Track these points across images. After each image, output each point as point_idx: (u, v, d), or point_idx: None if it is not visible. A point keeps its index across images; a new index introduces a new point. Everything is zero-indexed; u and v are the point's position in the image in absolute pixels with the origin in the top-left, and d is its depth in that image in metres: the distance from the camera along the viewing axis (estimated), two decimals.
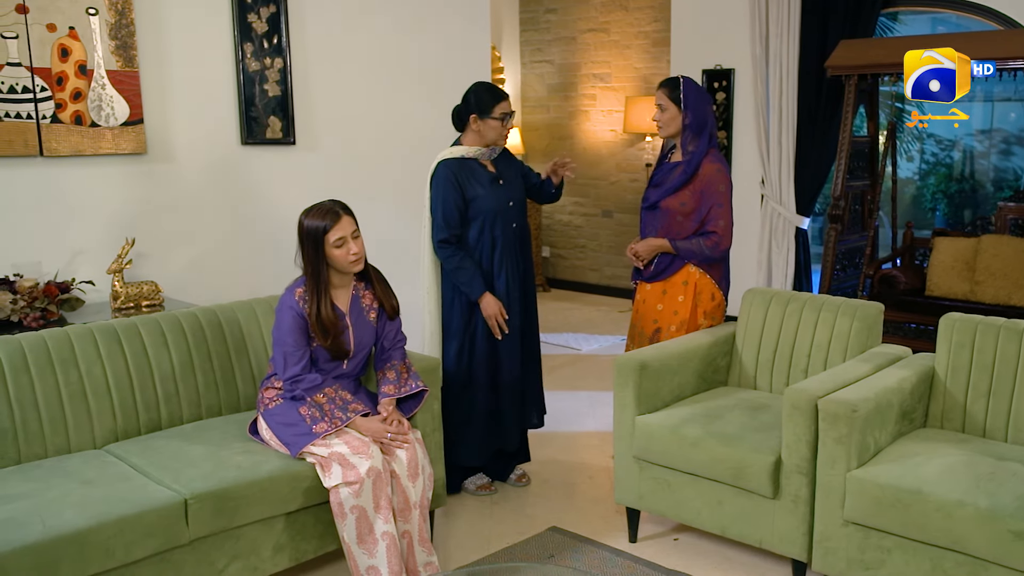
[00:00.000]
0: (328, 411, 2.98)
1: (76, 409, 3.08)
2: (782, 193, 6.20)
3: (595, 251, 8.34)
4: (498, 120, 3.65)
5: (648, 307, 3.82)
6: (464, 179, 3.65)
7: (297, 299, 3.04)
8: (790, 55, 6.00)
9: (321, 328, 3.01)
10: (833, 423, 2.81)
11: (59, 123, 3.83)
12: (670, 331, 3.76)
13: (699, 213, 3.68)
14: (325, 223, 2.99)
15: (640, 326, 3.85)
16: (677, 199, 3.69)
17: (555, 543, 3.43)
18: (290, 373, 3.02)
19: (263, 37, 4.44)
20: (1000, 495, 2.57)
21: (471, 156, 3.69)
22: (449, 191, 3.62)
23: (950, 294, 5.21)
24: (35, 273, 3.76)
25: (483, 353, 3.73)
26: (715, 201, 3.66)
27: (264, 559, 2.91)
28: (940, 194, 8.64)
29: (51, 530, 2.45)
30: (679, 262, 3.72)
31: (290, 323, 3.02)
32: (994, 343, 3.10)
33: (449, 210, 3.63)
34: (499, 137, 3.69)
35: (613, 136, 8.01)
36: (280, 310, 3.07)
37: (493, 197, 3.68)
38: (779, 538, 3.01)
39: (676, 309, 3.75)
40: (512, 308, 3.74)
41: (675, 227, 3.72)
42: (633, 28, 7.71)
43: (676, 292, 3.75)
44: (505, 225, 3.71)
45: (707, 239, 3.67)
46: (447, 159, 3.68)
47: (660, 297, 3.79)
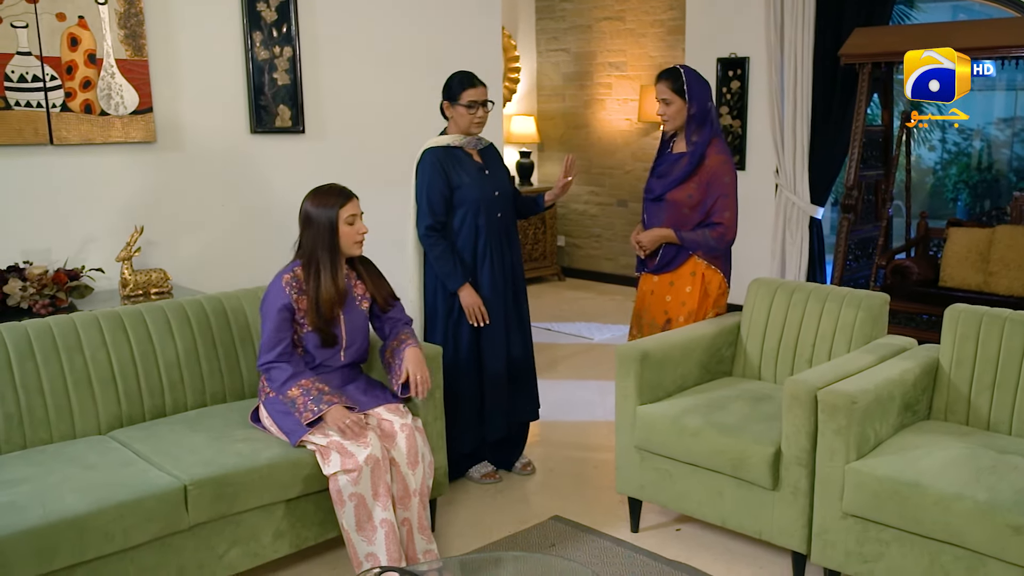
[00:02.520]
0: (303, 404, 2.96)
1: (81, 395, 3.11)
2: (796, 182, 6.15)
3: (610, 240, 8.32)
4: (464, 107, 3.64)
5: (657, 298, 3.80)
6: (449, 167, 3.65)
7: (284, 285, 3.05)
8: (805, 43, 5.94)
9: (316, 309, 3.03)
10: (832, 414, 2.79)
11: (69, 112, 3.87)
12: (679, 322, 3.74)
13: (704, 205, 3.65)
14: (340, 202, 3.05)
15: (650, 317, 3.83)
16: (684, 191, 3.66)
17: (557, 532, 3.44)
18: (263, 360, 3.04)
19: (272, 26, 4.45)
20: (1000, 489, 2.55)
21: (456, 144, 3.70)
22: (435, 178, 3.63)
23: (963, 285, 5.16)
24: (45, 260, 3.81)
25: (467, 342, 3.73)
26: (721, 192, 3.63)
27: (264, 545, 2.94)
28: (962, 184, 8.55)
29: (51, 514, 2.48)
30: (685, 253, 3.69)
31: (275, 313, 3.03)
32: (999, 335, 3.06)
33: (434, 197, 3.63)
34: (469, 125, 3.67)
35: (628, 125, 7.98)
36: (268, 295, 3.08)
37: (478, 186, 3.68)
38: (778, 530, 3.00)
39: (684, 300, 3.73)
40: (496, 298, 3.73)
41: (681, 218, 3.69)
42: (648, 16, 7.67)
43: (684, 283, 3.73)
44: (490, 214, 3.71)
45: (713, 230, 3.64)
46: (433, 147, 3.69)
47: (668, 288, 3.77)
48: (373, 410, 3.10)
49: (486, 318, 3.69)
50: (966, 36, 4.87)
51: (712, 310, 3.75)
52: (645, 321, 3.86)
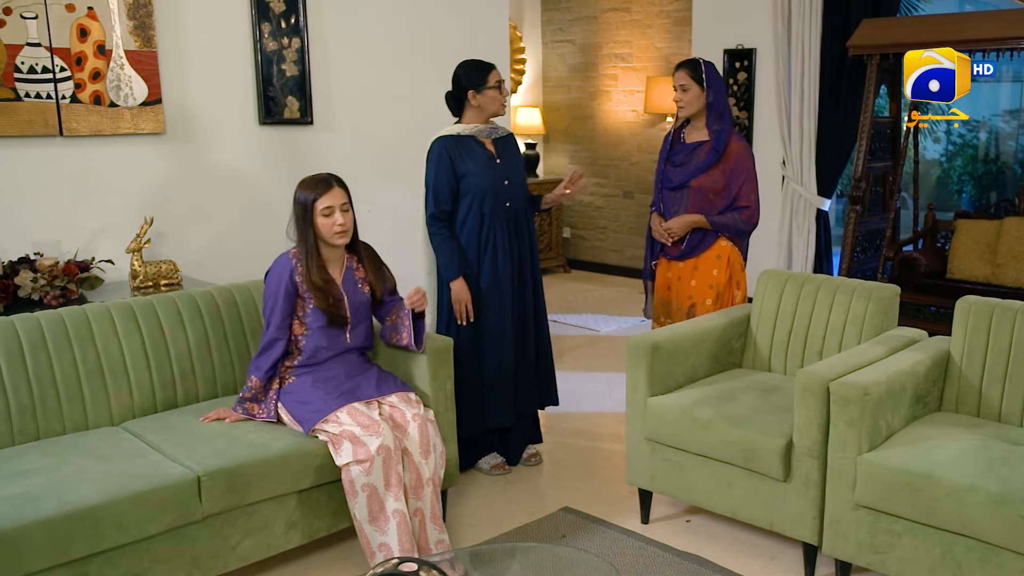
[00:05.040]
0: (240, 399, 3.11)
1: (93, 386, 3.12)
2: (803, 174, 6.15)
3: (616, 232, 8.32)
4: (494, 88, 3.68)
5: (683, 284, 3.92)
6: (456, 155, 3.68)
7: (291, 257, 3.11)
8: (812, 34, 5.93)
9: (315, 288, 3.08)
10: (844, 406, 2.80)
11: (78, 103, 3.87)
12: (705, 305, 3.87)
13: (730, 190, 3.83)
14: (316, 192, 3.06)
15: (677, 303, 3.93)
16: (708, 177, 3.81)
17: (567, 523, 3.45)
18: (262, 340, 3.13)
19: (280, 17, 4.44)
20: (1012, 480, 2.55)
21: (467, 134, 3.72)
22: (441, 167, 3.67)
23: (971, 277, 5.16)
24: (55, 252, 3.81)
25: (467, 329, 3.75)
26: (745, 177, 3.83)
27: (277, 536, 2.95)
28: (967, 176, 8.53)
29: (65, 505, 2.49)
30: (711, 237, 3.85)
31: (273, 289, 3.11)
32: (1011, 327, 3.06)
33: (440, 186, 3.67)
34: (500, 106, 3.73)
35: (634, 117, 7.97)
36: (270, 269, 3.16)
37: (485, 175, 3.69)
38: (790, 521, 3.01)
39: (711, 283, 3.87)
40: (498, 289, 3.74)
41: (707, 204, 3.84)
42: (655, 7, 7.65)
43: (710, 266, 3.87)
44: (496, 203, 3.71)
45: (740, 213, 3.84)
46: (443, 136, 3.72)
47: (692, 273, 3.90)
48: (385, 398, 3.11)
49: (471, 316, 3.71)
50: (975, 28, 4.86)
51: (737, 291, 3.90)
52: (673, 307, 3.95)
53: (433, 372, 3.29)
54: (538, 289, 3.92)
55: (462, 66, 3.73)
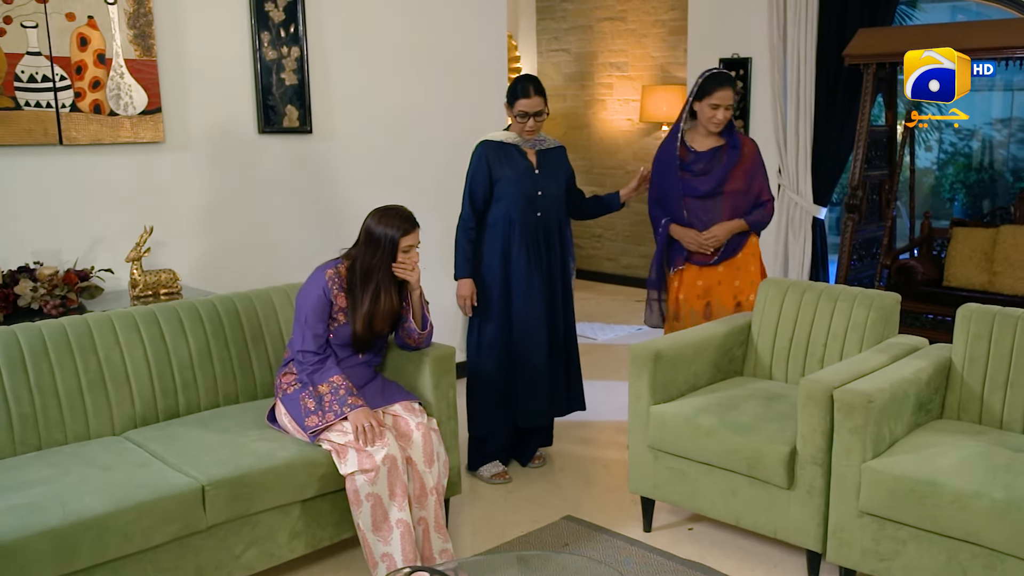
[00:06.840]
0: (328, 403, 2.99)
1: (95, 396, 3.11)
2: (799, 183, 6.17)
3: (611, 240, 8.33)
4: (516, 116, 3.79)
5: (726, 287, 3.96)
6: (495, 160, 3.81)
7: (327, 280, 3.10)
8: (808, 44, 5.95)
9: (368, 323, 3.10)
10: (848, 413, 2.80)
11: (78, 112, 3.86)
12: (748, 300, 3.94)
13: (752, 189, 3.93)
14: (404, 229, 3.09)
15: (719, 306, 3.96)
16: (737, 182, 3.90)
17: (570, 532, 3.44)
18: (306, 347, 3.07)
19: (280, 26, 4.45)
20: (1016, 487, 2.56)
21: (510, 141, 3.84)
22: (478, 170, 3.81)
23: (968, 285, 5.18)
24: (55, 261, 3.80)
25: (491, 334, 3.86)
26: (762, 173, 3.96)
27: (280, 545, 2.94)
28: (959, 184, 8.57)
29: (71, 515, 2.48)
30: (745, 236, 3.94)
31: (315, 300, 3.08)
32: (1012, 334, 3.07)
33: (474, 187, 3.81)
34: (521, 130, 3.82)
35: (630, 125, 7.99)
36: (308, 284, 3.13)
37: (519, 183, 3.80)
38: (793, 529, 3.01)
39: (752, 279, 3.96)
40: (531, 296, 3.83)
41: (741, 207, 3.92)
42: (650, 16, 7.68)
43: (748, 263, 3.97)
44: (527, 213, 3.81)
45: (764, 208, 3.94)
46: (486, 140, 3.86)
47: (736, 273, 3.96)
48: (389, 407, 3.11)
49: (468, 311, 3.86)
50: (971, 37, 4.88)
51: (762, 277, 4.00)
52: (714, 310, 3.97)
53: (436, 381, 3.29)
54: (568, 300, 4.03)
55: (515, 79, 3.88)
